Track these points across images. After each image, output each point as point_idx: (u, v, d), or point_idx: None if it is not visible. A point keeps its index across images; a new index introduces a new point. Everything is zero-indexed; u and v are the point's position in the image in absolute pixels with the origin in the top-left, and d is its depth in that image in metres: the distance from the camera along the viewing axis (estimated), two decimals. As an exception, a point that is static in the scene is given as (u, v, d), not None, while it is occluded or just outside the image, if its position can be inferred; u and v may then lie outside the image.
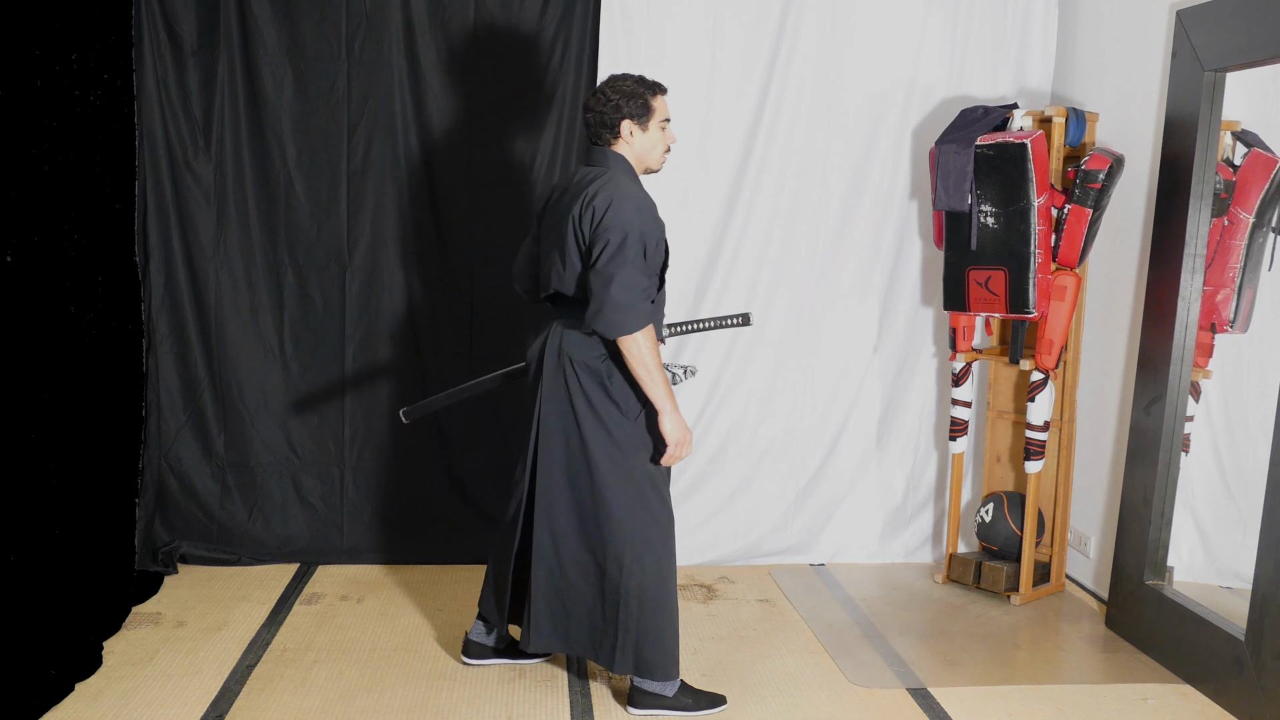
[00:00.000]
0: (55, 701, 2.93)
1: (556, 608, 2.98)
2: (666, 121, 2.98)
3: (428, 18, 4.00)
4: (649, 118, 2.94)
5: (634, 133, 2.93)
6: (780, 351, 4.19)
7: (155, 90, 3.90)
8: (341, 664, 3.26)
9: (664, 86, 2.98)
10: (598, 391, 2.91)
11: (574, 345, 2.92)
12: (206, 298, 4.03)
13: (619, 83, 2.93)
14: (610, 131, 2.93)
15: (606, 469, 2.91)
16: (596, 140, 2.96)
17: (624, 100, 2.90)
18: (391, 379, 4.15)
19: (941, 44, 4.11)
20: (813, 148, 4.11)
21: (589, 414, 2.91)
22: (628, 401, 2.92)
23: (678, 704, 2.99)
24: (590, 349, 2.91)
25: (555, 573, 2.97)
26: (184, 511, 4.07)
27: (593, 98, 2.95)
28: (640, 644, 2.93)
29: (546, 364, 2.95)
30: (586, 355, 2.91)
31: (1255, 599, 3.02)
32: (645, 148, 2.96)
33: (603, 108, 2.91)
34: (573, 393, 2.91)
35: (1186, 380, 3.46)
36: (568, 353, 2.92)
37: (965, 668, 3.37)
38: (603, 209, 2.79)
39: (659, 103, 2.96)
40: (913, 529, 4.35)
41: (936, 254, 4.08)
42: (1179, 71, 3.48)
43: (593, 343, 2.91)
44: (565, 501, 2.95)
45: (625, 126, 2.92)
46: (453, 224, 4.11)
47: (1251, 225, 3.41)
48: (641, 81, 2.94)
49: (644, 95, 2.92)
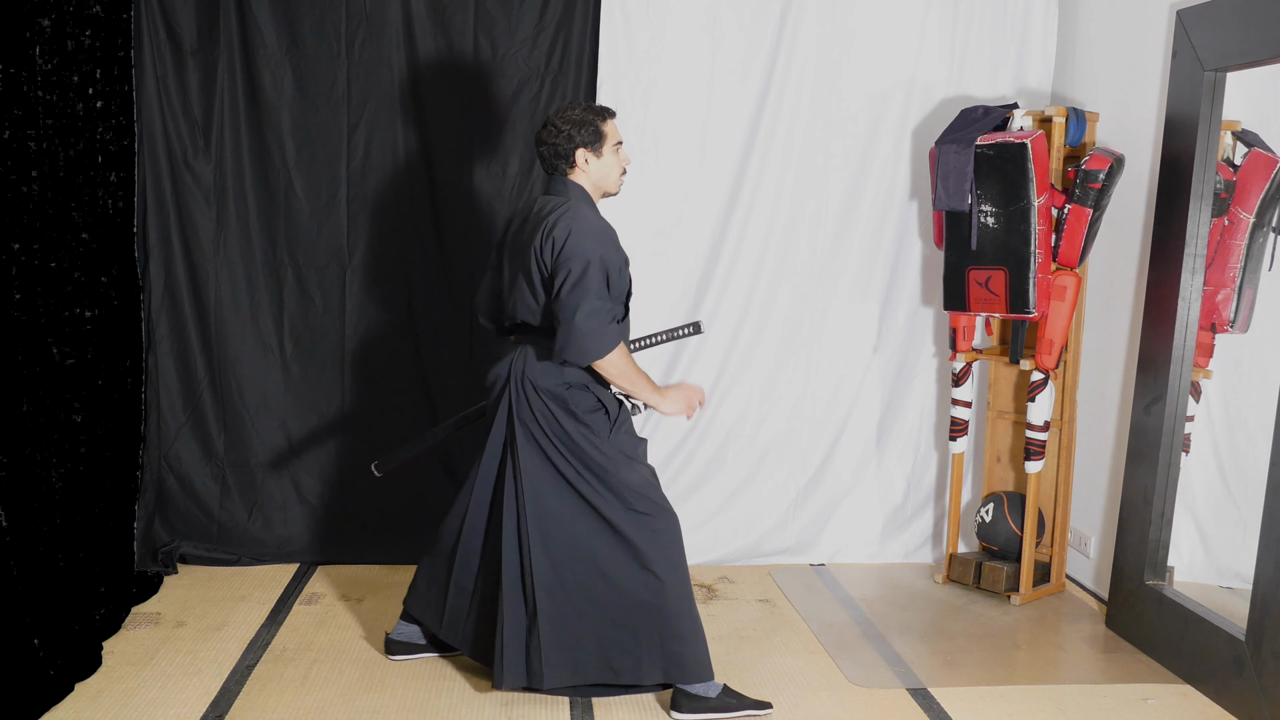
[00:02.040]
0: (55, 701, 2.93)
1: (564, 635, 2.93)
2: (619, 144, 3.02)
3: (428, 18, 4.00)
4: (601, 143, 2.97)
5: (589, 160, 2.97)
6: (780, 351, 4.19)
7: (155, 90, 3.90)
8: (341, 664, 3.26)
9: (612, 111, 3.03)
10: (566, 417, 2.92)
11: (537, 372, 2.93)
12: (206, 298, 4.03)
13: (567, 112, 2.97)
14: (565, 161, 2.97)
15: (596, 487, 2.92)
16: (552, 171, 3.00)
17: (575, 129, 2.94)
18: (391, 379, 4.15)
19: (941, 44, 4.11)
20: (813, 147, 4.11)
21: (564, 438, 2.92)
22: (597, 422, 2.95)
23: (721, 705, 2.96)
24: (553, 376, 2.93)
25: (558, 596, 2.93)
26: (184, 511, 4.07)
27: (543, 130, 2.98)
28: (666, 647, 2.91)
29: (511, 389, 2.95)
30: (549, 382, 2.93)
31: (1255, 599, 3.02)
32: (601, 173, 3.00)
33: (555, 139, 2.95)
34: (543, 419, 2.92)
35: (1186, 380, 3.46)
36: (531, 379, 2.93)
37: (965, 668, 3.37)
38: (562, 239, 2.82)
39: (609, 127, 3.00)
40: (913, 529, 4.35)
41: (936, 254, 4.08)
42: (1179, 71, 3.47)
43: (555, 370, 2.92)
44: (561, 525, 2.93)
45: (580, 155, 2.96)
46: (452, 224, 4.11)
47: (1252, 225, 3.41)
48: (589, 109, 2.98)
49: (594, 122, 2.96)
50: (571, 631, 2.92)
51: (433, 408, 4.16)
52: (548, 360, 2.92)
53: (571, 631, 2.92)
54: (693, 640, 2.94)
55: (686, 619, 2.94)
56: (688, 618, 2.95)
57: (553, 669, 2.90)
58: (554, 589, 2.92)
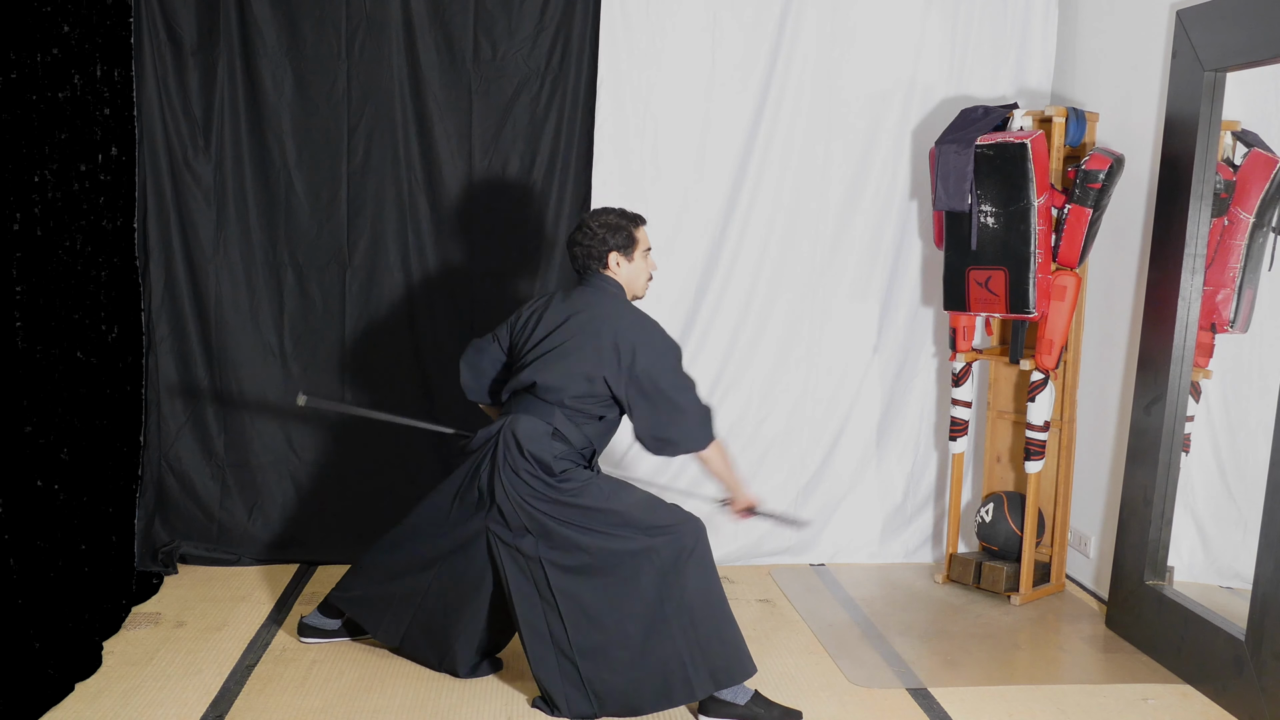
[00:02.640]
0: (55, 701, 2.93)
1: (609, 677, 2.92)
2: (648, 250, 3.11)
3: (428, 18, 4.00)
4: (634, 249, 3.06)
5: (620, 263, 3.05)
6: (780, 351, 4.19)
7: (155, 90, 3.90)
8: (341, 664, 3.26)
9: (644, 218, 3.13)
10: (548, 478, 2.93)
11: (530, 437, 2.95)
12: (206, 298, 4.03)
13: (602, 216, 3.05)
14: (598, 263, 3.05)
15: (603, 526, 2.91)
16: (583, 271, 3.08)
17: (609, 233, 3.03)
18: (391, 379, 4.15)
19: (941, 44, 4.11)
20: (813, 147, 4.11)
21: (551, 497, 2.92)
22: (578, 474, 2.98)
23: (749, 713, 2.94)
24: (546, 448, 2.95)
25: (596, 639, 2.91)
26: (184, 511, 4.06)
27: (577, 231, 3.07)
28: (708, 654, 2.89)
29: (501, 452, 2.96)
30: (540, 449, 2.94)
31: (1255, 599, 3.02)
32: (631, 276, 3.08)
33: (590, 241, 3.03)
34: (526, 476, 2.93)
35: (1186, 380, 3.46)
36: (518, 438, 2.94)
37: (965, 668, 3.37)
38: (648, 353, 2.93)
39: (641, 234, 3.08)
40: (913, 529, 4.35)
41: (936, 254, 4.08)
42: (1179, 71, 3.47)
43: (549, 441, 2.95)
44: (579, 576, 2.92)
45: (612, 258, 3.04)
46: (452, 224, 4.11)
47: (1252, 225, 3.41)
48: (623, 215, 3.07)
49: (627, 228, 3.05)
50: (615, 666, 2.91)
51: (433, 408, 4.16)
52: (544, 430, 2.96)
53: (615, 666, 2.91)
54: (733, 636, 2.93)
55: (723, 618, 2.93)
56: (724, 617, 2.93)
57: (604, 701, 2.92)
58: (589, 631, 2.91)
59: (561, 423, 2.98)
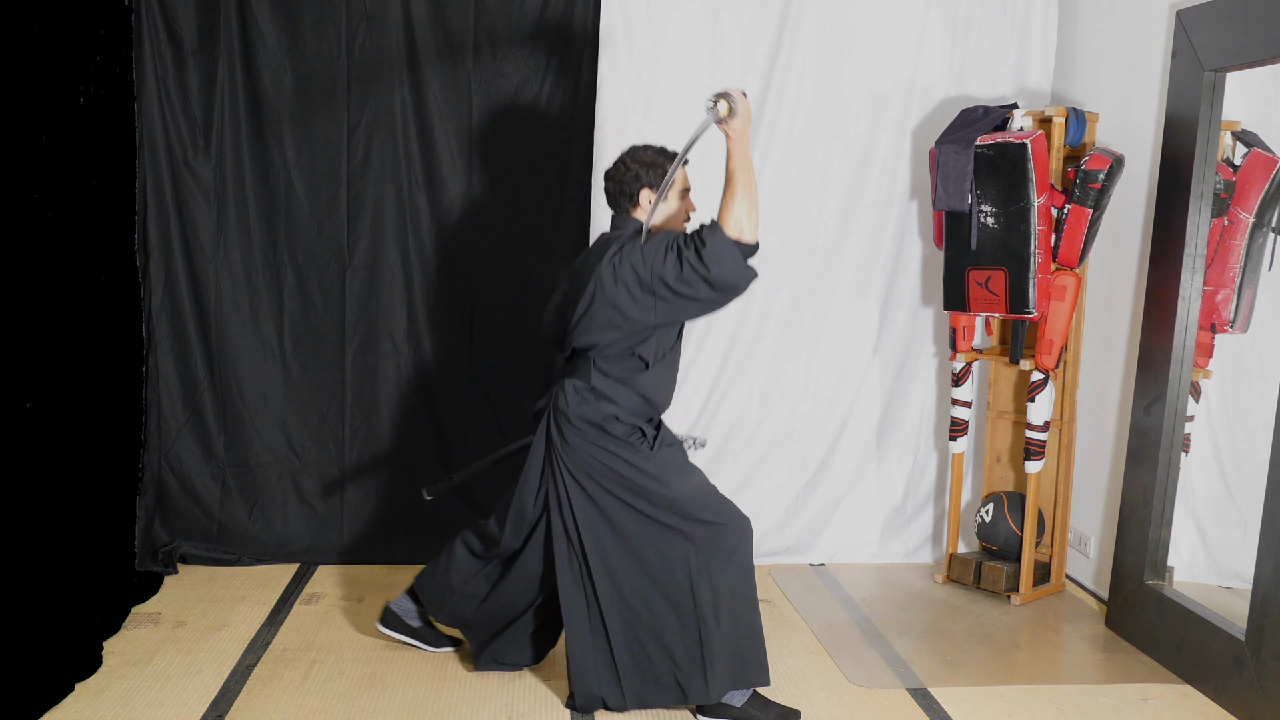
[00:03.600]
0: (55, 701, 2.93)
1: (642, 660, 2.91)
2: (686, 191, 3.03)
3: (428, 18, 4.00)
4: (669, 188, 2.97)
5: (652, 200, 2.98)
6: (780, 351, 4.19)
7: (155, 90, 3.90)
8: (341, 664, 3.26)
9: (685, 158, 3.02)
10: (604, 442, 2.90)
11: (571, 405, 2.91)
12: (206, 298, 4.03)
13: (639, 153, 2.99)
14: (629, 199, 2.99)
15: (647, 508, 2.89)
16: (616, 208, 3.03)
17: (643, 169, 2.97)
18: (391, 379, 4.15)
19: (941, 44, 4.11)
20: (813, 147, 4.11)
21: (607, 464, 2.89)
22: (636, 440, 2.92)
23: (745, 715, 2.93)
24: (589, 407, 2.90)
25: (629, 620, 2.90)
26: (184, 511, 4.06)
27: (614, 166, 3.01)
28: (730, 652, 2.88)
29: (550, 422, 2.94)
30: (585, 411, 2.90)
31: (1255, 599, 3.02)
32: (668, 216, 3.01)
33: (623, 176, 2.98)
34: (580, 451, 2.90)
35: (1186, 380, 3.46)
36: (564, 412, 2.92)
37: (965, 668, 3.37)
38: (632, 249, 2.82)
39: (680, 173, 3.00)
40: (913, 529, 4.35)
41: (936, 254, 4.08)
42: (1179, 71, 3.47)
43: (593, 402, 2.90)
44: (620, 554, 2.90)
45: (644, 195, 2.98)
46: (452, 224, 4.11)
47: (1251, 225, 3.41)
48: (662, 152, 3.00)
49: (663, 165, 2.97)
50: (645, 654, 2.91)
51: (433, 408, 4.16)
52: (585, 390, 2.91)
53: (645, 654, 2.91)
54: (757, 647, 2.92)
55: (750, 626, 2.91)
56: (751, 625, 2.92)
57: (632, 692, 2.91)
58: (623, 613, 2.90)
59: (600, 380, 2.91)
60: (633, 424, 2.94)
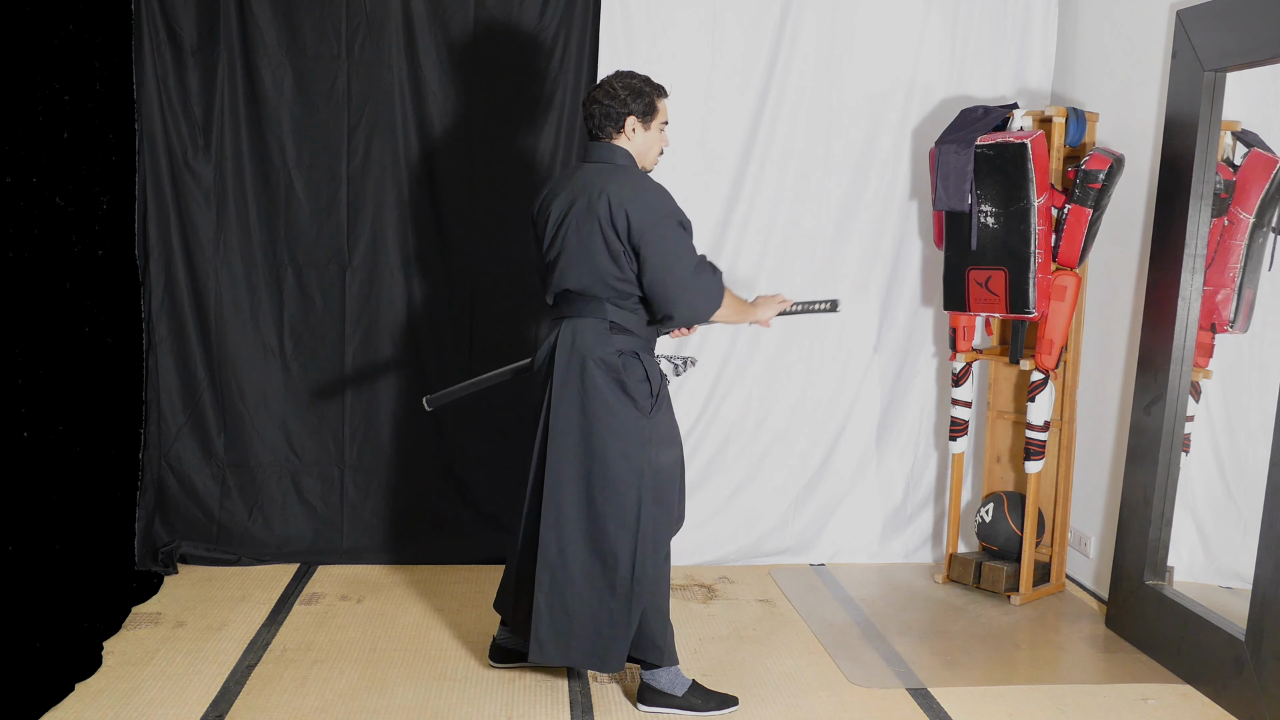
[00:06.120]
0: (55, 701, 2.93)
1: (560, 617, 2.93)
2: (665, 124, 3.02)
3: (428, 18, 4.00)
4: (653, 117, 2.96)
5: (636, 130, 2.95)
6: (780, 351, 4.19)
7: (155, 90, 3.90)
8: (341, 664, 3.26)
9: (666, 90, 3.02)
10: (614, 387, 2.88)
11: (589, 342, 2.89)
12: (206, 298, 4.03)
13: (627, 79, 2.95)
14: (614, 125, 2.94)
15: (619, 465, 2.88)
16: (598, 134, 2.96)
17: (631, 97, 2.92)
18: (391, 378, 4.15)
19: (941, 44, 4.12)
20: (813, 148, 4.11)
21: (603, 411, 2.88)
22: (643, 397, 2.90)
23: (686, 704, 2.98)
24: (605, 345, 2.88)
25: (559, 576, 2.92)
26: (184, 511, 4.07)
27: (598, 89, 2.94)
28: (648, 633, 2.94)
29: (558, 363, 2.91)
30: (603, 351, 2.88)
31: (1255, 599, 3.02)
32: (644, 146, 2.98)
33: (609, 101, 2.92)
34: (587, 390, 2.88)
35: (1186, 380, 3.46)
36: (581, 350, 2.89)
37: (965, 668, 3.37)
38: (639, 203, 2.81)
39: (662, 105, 2.99)
40: (913, 529, 4.35)
41: (936, 254, 4.08)
42: (1179, 71, 3.48)
43: (607, 338, 2.89)
44: (574, 502, 2.92)
45: (630, 123, 2.93)
46: (453, 224, 4.11)
47: (1251, 225, 3.41)
48: (648, 81, 2.98)
49: (650, 95, 2.95)
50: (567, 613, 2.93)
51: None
52: (601, 328, 2.89)
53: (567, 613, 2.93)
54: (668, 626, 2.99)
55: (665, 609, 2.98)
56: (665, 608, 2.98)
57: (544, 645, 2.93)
58: (556, 568, 2.92)
59: (615, 314, 2.90)
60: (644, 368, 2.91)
